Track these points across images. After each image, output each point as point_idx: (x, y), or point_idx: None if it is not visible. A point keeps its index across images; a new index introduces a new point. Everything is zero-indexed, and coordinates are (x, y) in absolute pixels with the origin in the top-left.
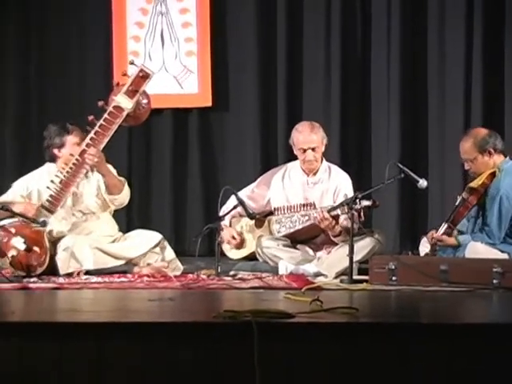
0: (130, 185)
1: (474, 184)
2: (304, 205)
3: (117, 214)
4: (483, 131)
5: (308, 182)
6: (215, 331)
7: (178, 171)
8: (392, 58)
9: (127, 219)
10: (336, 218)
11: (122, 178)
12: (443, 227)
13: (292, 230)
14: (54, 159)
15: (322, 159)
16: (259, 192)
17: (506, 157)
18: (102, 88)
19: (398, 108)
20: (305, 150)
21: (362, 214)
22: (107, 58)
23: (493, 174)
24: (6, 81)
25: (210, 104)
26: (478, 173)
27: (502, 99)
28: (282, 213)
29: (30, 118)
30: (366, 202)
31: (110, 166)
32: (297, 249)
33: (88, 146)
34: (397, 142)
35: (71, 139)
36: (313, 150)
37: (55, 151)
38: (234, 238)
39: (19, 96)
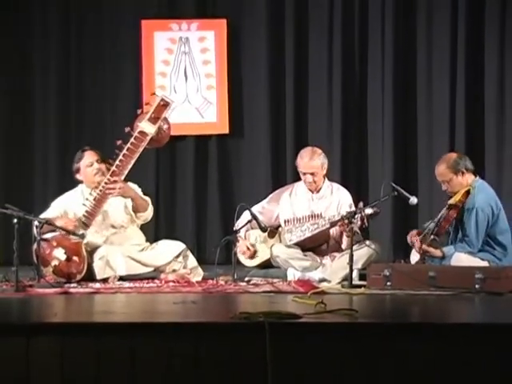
0: (157, 201)
1: (453, 201)
2: (312, 216)
3: (146, 227)
4: (454, 155)
5: (313, 198)
6: (232, 330)
7: (199, 189)
8: (385, 93)
9: (155, 231)
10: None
11: (146, 198)
12: (430, 238)
13: (302, 238)
14: (80, 182)
15: (324, 179)
16: (269, 208)
17: (476, 176)
18: (132, 117)
19: (391, 134)
20: (305, 173)
21: (365, 221)
22: (137, 91)
23: (468, 192)
24: (49, 106)
25: (227, 131)
26: (455, 191)
27: (482, 125)
28: (293, 223)
29: (69, 142)
30: (369, 211)
31: (135, 186)
32: (306, 256)
33: (117, 167)
34: (390, 163)
35: (83, 163)
36: (311, 174)
37: (77, 176)
38: (248, 249)
39: (60, 122)
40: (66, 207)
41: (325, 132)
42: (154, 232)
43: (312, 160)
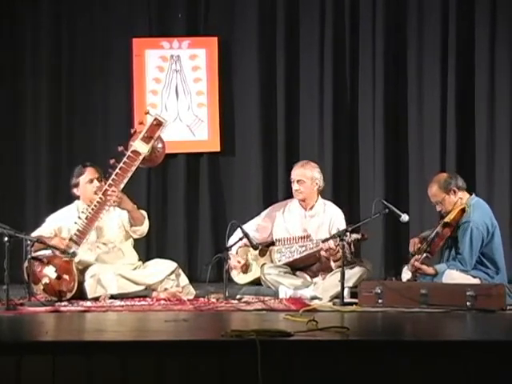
0: (148, 219)
1: (447, 219)
2: (302, 237)
3: (137, 244)
4: (445, 175)
5: (306, 216)
6: (224, 348)
7: (190, 207)
8: (376, 108)
9: (146, 249)
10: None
11: (143, 212)
12: (422, 256)
13: (291, 259)
14: (76, 197)
15: (318, 197)
16: (262, 225)
17: (470, 194)
18: (124, 135)
19: (383, 151)
20: (293, 181)
21: (352, 245)
22: (129, 109)
23: (463, 210)
24: (41, 125)
25: (218, 149)
26: (448, 211)
27: (472, 141)
28: (283, 243)
29: (60, 159)
30: (355, 236)
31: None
32: (296, 275)
33: (110, 186)
34: (382, 181)
35: (83, 179)
36: (298, 181)
37: (74, 190)
38: (238, 262)
39: (51, 140)
40: (60, 223)
41: (316, 149)
42: (145, 250)
43: (302, 168)
